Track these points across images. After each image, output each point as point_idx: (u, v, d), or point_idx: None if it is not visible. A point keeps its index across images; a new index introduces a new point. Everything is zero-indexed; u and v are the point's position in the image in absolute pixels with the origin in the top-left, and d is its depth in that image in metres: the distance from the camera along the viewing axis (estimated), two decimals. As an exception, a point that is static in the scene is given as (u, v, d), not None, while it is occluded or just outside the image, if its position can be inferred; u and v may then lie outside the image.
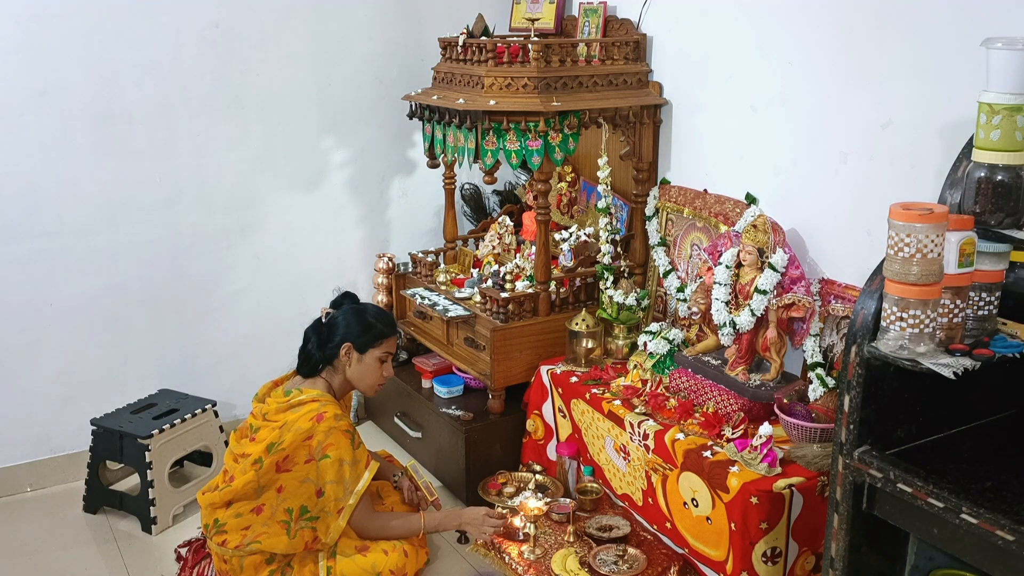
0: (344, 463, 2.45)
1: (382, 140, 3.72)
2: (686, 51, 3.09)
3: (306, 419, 2.44)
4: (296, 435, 2.42)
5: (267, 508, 2.45)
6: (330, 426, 2.44)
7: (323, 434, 2.43)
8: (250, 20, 3.33)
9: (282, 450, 2.42)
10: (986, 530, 1.54)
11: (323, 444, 2.44)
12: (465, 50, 3.06)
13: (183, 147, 3.32)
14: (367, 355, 2.61)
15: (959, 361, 1.65)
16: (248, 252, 3.52)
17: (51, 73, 3.04)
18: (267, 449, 2.43)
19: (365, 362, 2.61)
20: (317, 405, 2.48)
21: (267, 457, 2.42)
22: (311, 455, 2.44)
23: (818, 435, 2.36)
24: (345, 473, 2.45)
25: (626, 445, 2.66)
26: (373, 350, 2.61)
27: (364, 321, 2.61)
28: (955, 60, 2.21)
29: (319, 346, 2.59)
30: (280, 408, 2.50)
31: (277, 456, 2.42)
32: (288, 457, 2.43)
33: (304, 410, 2.47)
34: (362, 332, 2.60)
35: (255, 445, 2.47)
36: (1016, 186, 1.72)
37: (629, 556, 2.53)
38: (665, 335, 2.92)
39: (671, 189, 3.15)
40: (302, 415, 2.46)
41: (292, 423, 2.45)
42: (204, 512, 2.54)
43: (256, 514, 2.45)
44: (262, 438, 2.47)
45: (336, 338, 2.58)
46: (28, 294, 3.16)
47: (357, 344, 2.59)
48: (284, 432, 2.43)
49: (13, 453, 3.24)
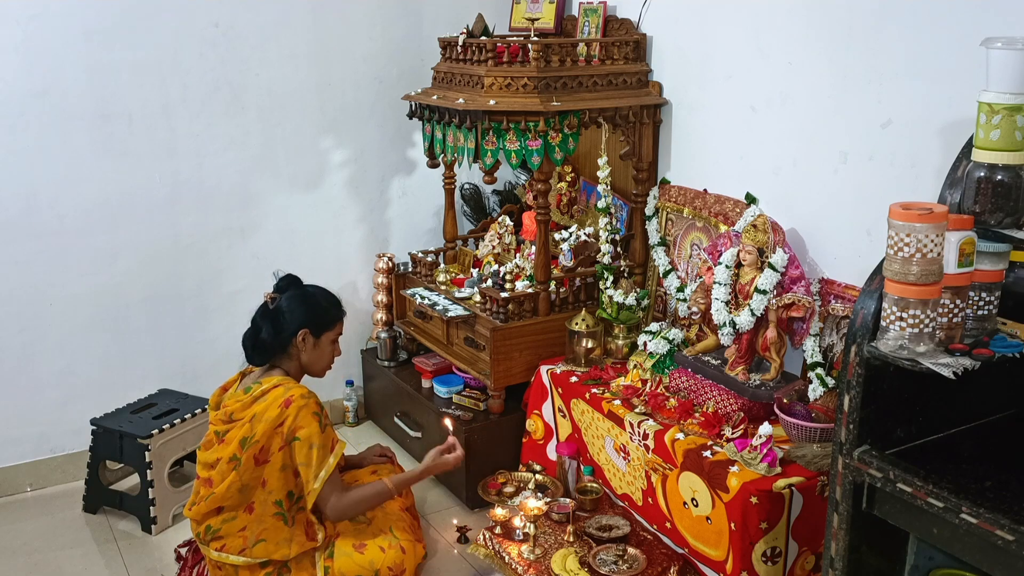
0: (313, 447, 2.41)
1: (382, 140, 3.72)
2: (686, 51, 3.09)
3: (274, 406, 2.40)
4: (267, 424, 2.39)
5: (257, 505, 2.43)
6: (298, 407, 2.40)
7: (292, 417, 2.39)
8: (250, 20, 3.34)
9: (256, 442, 2.39)
10: (986, 530, 1.54)
11: (293, 427, 2.40)
12: (465, 50, 3.06)
13: (183, 147, 3.32)
14: (322, 339, 2.57)
15: (959, 361, 1.65)
16: (248, 252, 3.52)
17: (51, 73, 3.04)
18: (240, 445, 2.40)
19: (320, 346, 2.57)
20: (282, 390, 2.44)
21: (242, 453, 2.39)
22: (284, 440, 2.41)
23: (818, 435, 2.36)
24: (313, 457, 2.41)
25: (626, 445, 2.66)
26: (328, 333, 2.58)
27: (317, 305, 2.57)
28: (955, 60, 2.21)
29: (273, 334, 2.51)
30: (244, 404, 2.46)
31: (252, 449, 2.39)
32: (264, 448, 2.40)
33: (270, 397, 2.43)
34: (316, 317, 2.55)
35: (226, 447, 2.43)
36: (1016, 186, 1.72)
37: (629, 556, 2.53)
38: (665, 335, 2.92)
39: (671, 189, 3.15)
40: (269, 403, 2.42)
41: (261, 413, 2.41)
42: (193, 525, 2.51)
43: (249, 513, 2.44)
44: (232, 438, 2.43)
45: (291, 325, 2.51)
46: (28, 294, 3.16)
47: (314, 330, 2.54)
48: (255, 424, 2.40)
49: (13, 453, 3.24)
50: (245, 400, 2.46)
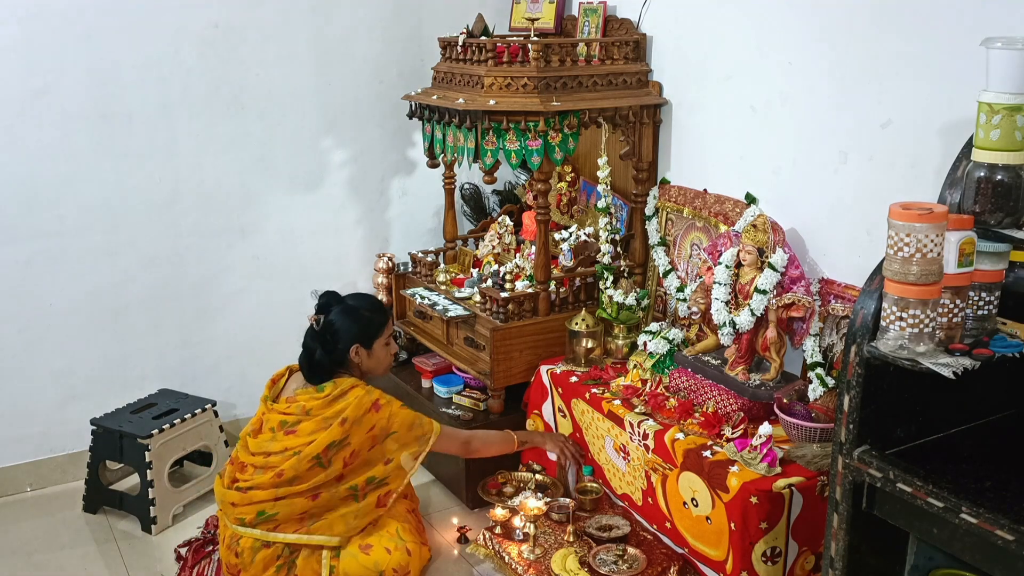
0: (413, 426, 2.60)
1: (382, 140, 3.72)
2: (686, 51, 3.09)
3: (363, 410, 2.52)
4: (363, 428, 2.51)
5: (324, 493, 2.49)
6: (389, 410, 2.56)
7: (385, 419, 2.55)
8: (250, 20, 3.33)
9: (348, 445, 2.49)
10: (986, 530, 1.54)
11: (386, 428, 2.55)
12: (465, 50, 3.06)
13: (183, 147, 3.32)
14: (375, 347, 2.67)
15: (959, 361, 1.65)
16: (248, 252, 3.52)
17: (51, 73, 3.04)
18: (328, 447, 2.46)
19: (375, 354, 2.68)
20: (361, 390, 2.55)
21: (332, 454, 2.47)
22: (374, 442, 2.53)
23: (818, 435, 2.36)
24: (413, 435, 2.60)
25: (626, 445, 2.66)
26: (379, 340, 2.68)
27: (361, 318, 2.65)
28: (955, 60, 2.21)
29: (326, 354, 2.60)
30: (324, 403, 2.53)
31: (344, 453, 2.49)
32: (355, 452, 2.51)
33: (351, 398, 2.53)
34: (364, 330, 2.64)
35: (297, 439, 2.49)
36: (1016, 186, 1.72)
37: (629, 556, 2.53)
38: (665, 335, 2.92)
39: (671, 189, 3.15)
40: (352, 404, 2.51)
41: (352, 416, 2.49)
42: (229, 509, 2.50)
43: (312, 500, 2.48)
44: (306, 431, 2.50)
45: (341, 343, 2.61)
46: (28, 294, 3.16)
47: (364, 343, 2.65)
48: (349, 428, 2.48)
49: (13, 453, 3.24)
50: (322, 399, 2.53)
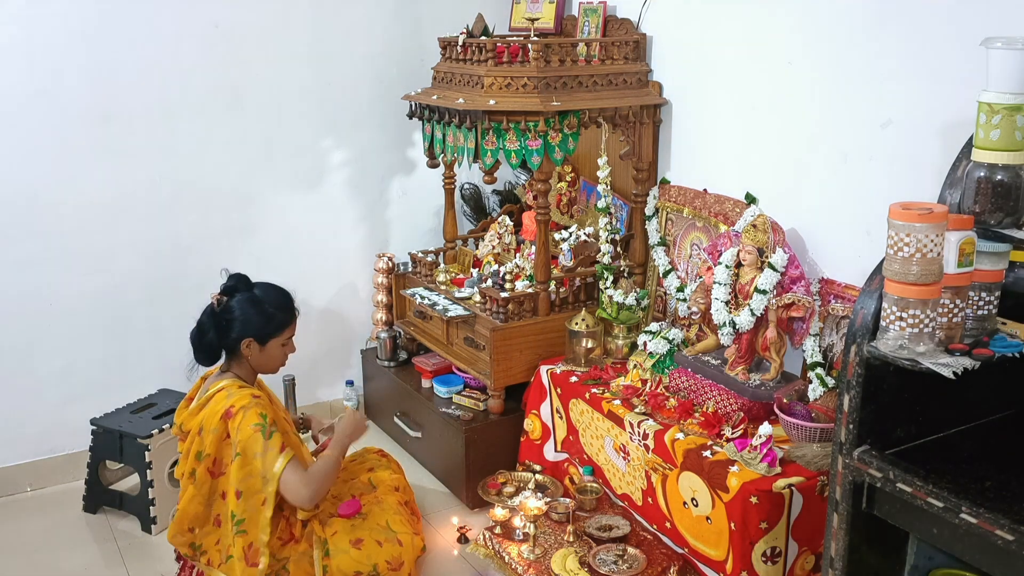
0: (256, 456, 2.31)
1: (382, 140, 3.72)
2: (686, 51, 3.09)
3: (216, 417, 2.32)
4: (215, 436, 2.32)
5: (223, 518, 2.36)
6: (239, 420, 2.30)
7: (235, 430, 2.31)
8: (250, 20, 3.34)
9: (208, 455, 2.33)
10: (986, 530, 1.53)
11: (238, 440, 2.30)
12: (465, 50, 3.06)
13: (183, 147, 3.32)
14: (268, 345, 2.45)
15: (959, 361, 1.65)
16: (248, 252, 3.52)
17: (51, 73, 3.04)
18: (196, 458, 2.34)
19: (267, 351, 2.46)
20: (223, 395, 2.35)
21: (199, 466, 2.34)
22: (235, 452, 2.32)
23: (818, 435, 2.36)
24: (256, 467, 2.31)
25: (626, 445, 2.66)
26: (275, 339, 2.46)
27: (264, 312, 2.43)
28: (955, 60, 2.21)
29: (217, 339, 2.42)
30: (192, 414, 2.38)
31: (206, 463, 2.33)
32: (216, 460, 2.34)
33: (212, 405, 2.34)
34: (262, 325, 2.43)
35: (184, 460, 2.39)
36: (1016, 186, 1.72)
37: (629, 556, 2.53)
38: (665, 335, 2.92)
39: (671, 189, 3.15)
40: (211, 412, 2.33)
41: (207, 424, 2.33)
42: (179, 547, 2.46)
43: (218, 527, 2.39)
44: (184, 450, 2.38)
45: (234, 332, 2.40)
46: (28, 294, 3.16)
47: (258, 338, 2.43)
48: (204, 437, 2.33)
49: (13, 453, 3.24)
50: (193, 410, 2.40)
